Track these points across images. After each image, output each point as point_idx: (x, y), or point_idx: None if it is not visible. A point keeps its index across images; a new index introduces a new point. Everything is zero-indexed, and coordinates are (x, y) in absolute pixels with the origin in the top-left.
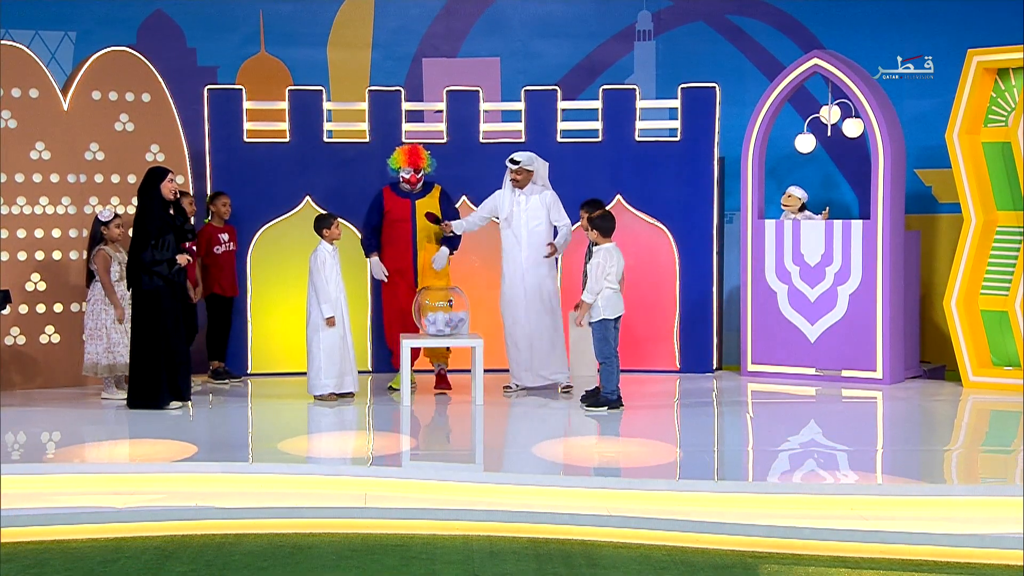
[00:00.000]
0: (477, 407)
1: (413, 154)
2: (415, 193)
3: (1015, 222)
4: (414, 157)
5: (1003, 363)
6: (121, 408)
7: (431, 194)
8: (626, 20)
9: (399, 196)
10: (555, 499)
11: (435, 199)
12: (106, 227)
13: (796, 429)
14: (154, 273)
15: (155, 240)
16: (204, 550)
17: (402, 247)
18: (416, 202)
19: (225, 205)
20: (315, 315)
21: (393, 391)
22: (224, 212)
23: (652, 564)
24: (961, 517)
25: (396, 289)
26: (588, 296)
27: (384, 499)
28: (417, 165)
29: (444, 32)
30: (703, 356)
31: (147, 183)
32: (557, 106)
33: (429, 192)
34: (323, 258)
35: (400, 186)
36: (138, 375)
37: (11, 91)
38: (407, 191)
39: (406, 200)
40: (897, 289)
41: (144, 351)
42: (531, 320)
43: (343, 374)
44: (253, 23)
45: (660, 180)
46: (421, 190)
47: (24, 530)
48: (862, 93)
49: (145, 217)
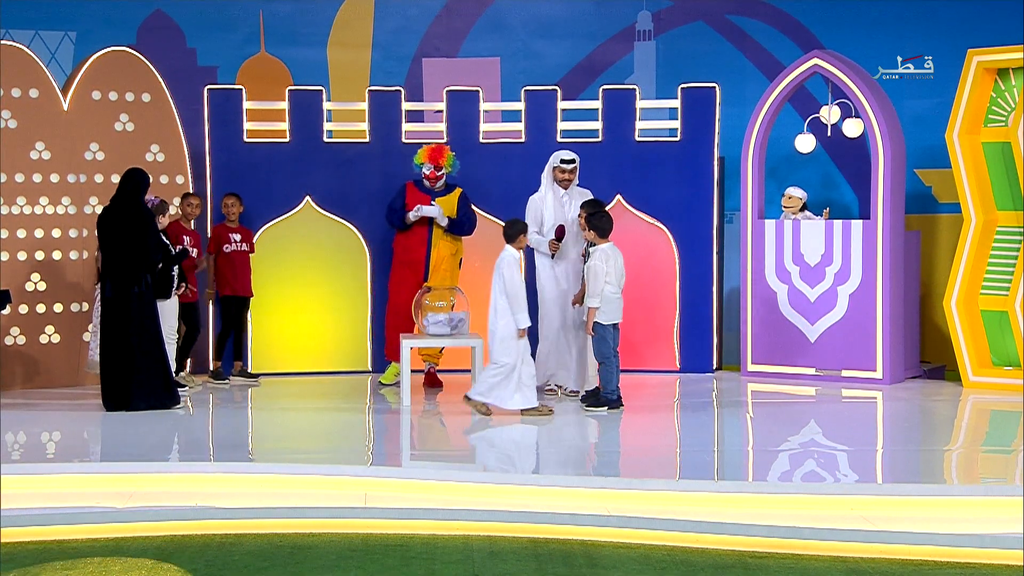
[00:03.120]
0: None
1: (435, 151)
2: (436, 191)
3: (1015, 222)
4: (435, 154)
5: (1003, 363)
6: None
7: (452, 194)
8: (626, 20)
9: (421, 192)
10: (555, 499)
11: (454, 199)
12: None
13: (796, 429)
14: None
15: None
16: (204, 550)
17: (417, 241)
18: (436, 199)
19: (234, 205)
20: (506, 325)
21: (384, 386)
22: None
23: (652, 564)
24: (961, 517)
25: (405, 281)
26: (593, 301)
27: (384, 499)
28: (437, 162)
29: (444, 32)
30: (703, 356)
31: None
32: (557, 106)
33: (450, 192)
34: (512, 264)
35: (422, 182)
36: (107, 378)
37: (11, 91)
38: (428, 188)
39: (426, 196)
40: (897, 289)
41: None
42: (567, 323)
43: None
44: (253, 23)
45: (660, 180)
46: (443, 189)
47: (24, 530)
48: (862, 93)
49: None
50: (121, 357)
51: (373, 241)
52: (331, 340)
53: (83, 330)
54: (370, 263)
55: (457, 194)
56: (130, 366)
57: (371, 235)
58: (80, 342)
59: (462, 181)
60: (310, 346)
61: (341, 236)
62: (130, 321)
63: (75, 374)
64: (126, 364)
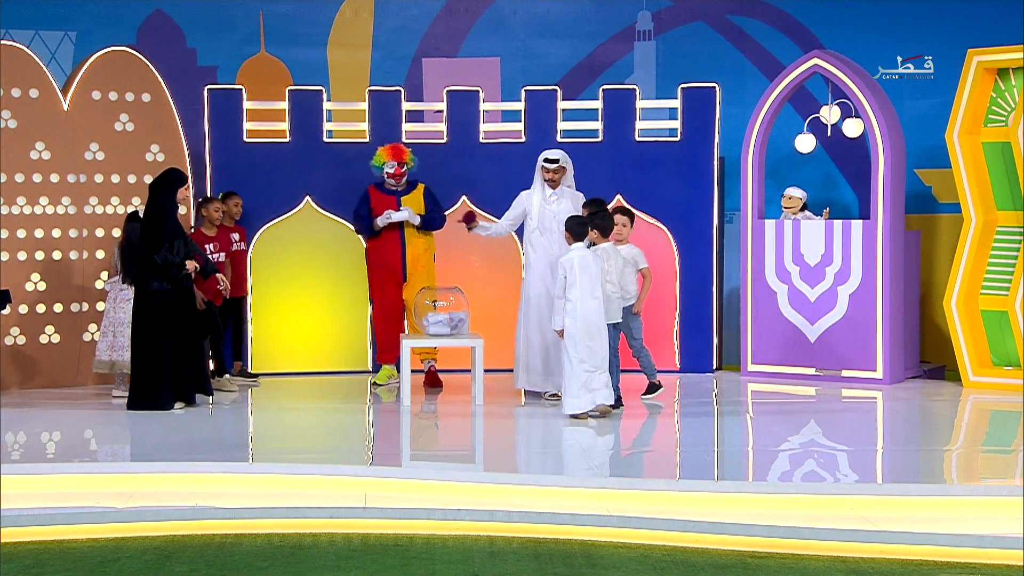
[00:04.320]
0: (477, 407)
1: (396, 149)
2: (400, 190)
3: (1015, 222)
4: (396, 152)
5: (1003, 363)
6: (121, 408)
7: (415, 191)
8: (626, 20)
9: (384, 194)
10: (555, 499)
11: (419, 195)
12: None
13: (796, 429)
14: (164, 276)
15: (168, 242)
16: (204, 550)
17: (390, 244)
18: (401, 199)
19: (236, 205)
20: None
21: (377, 387)
22: (236, 212)
23: (652, 564)
24: (961, 517)
25: (384, 285)
26: None
27: (384, 499)
28: (400, 158)
29: (444, 32)
30: (703, 356)
31: (167, 185)
32: (557, 106)
33: (414, 189)
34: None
35: (385, 184)
36: (141, 376)
37: (11, 91)
38: (392, 188)
39: (391, 197)
40: (897, 289)
41: (149, 352)
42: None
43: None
44: (253, 23)
45: (660, 180)
46: (405, 187)
47: (24, 530)
48: (862, 93)
49: (162, 218)
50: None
51: None
52: (331, 340)
53: (83, 330)
54: None
55: (421, 190)
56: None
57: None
58: (80, 342)
59: (462, 182)
60: (310, 346)
61: (341, 236)
62: (172, 316)
63: (75, 374)
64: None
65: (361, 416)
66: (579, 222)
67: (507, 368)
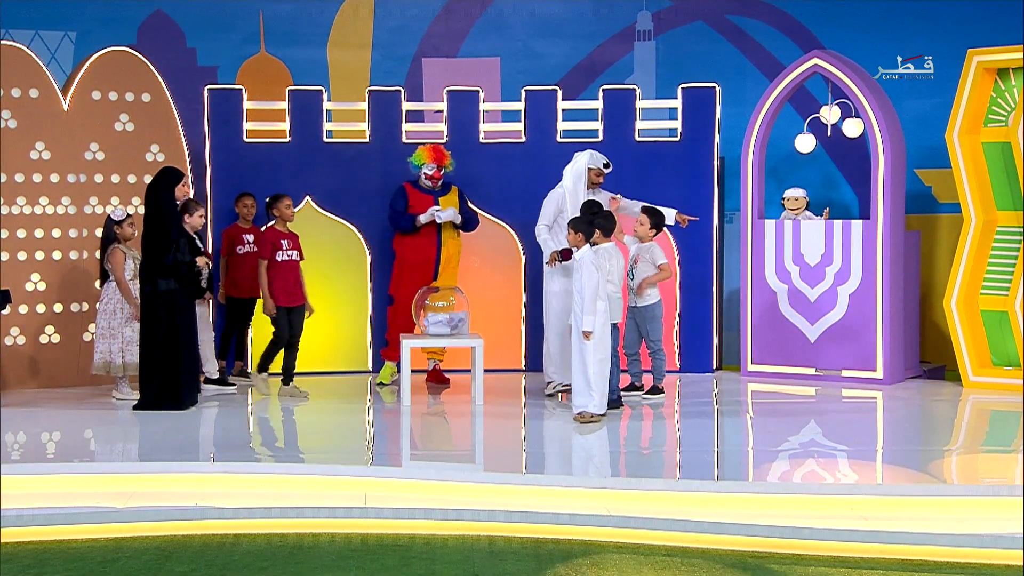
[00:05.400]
0: (477, 407)
1: (438, 151)
2: (436, 191)
3: (1015, 222)
4: (438, 154)
5: (1003, 363)
6: (121, 409)
7: (451, 193)
8: (626, 20)
9: (421, 192)
10: (555, 499)
11: (455, 197)
12: (119, 226)
13: (796, 429)
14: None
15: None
16: (204, 550)
17: (426, 242)
18: (439, 199)
19: (247, 207)
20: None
21: (382, 386)
22: (248, 213)
23: (652, 564)
24: (961, 517)
25: (414, 282)
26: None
27: (384, 499)
28: (441, 161)
29: (444, 32)
30: (703, 356)
31: (164, 184)
32: (557, 106)
33: (449, 191)
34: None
35: (421, 182)
36: (155, 378)
37: (11, 91)
38: (428, 188)
39: (429, 196)
40: (897, 289)
41: (164, 353)
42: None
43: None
44: (253, 23)
45: (660, 180)
46: (441, 188)
47: (24, 530)
48: (862, 93)
49: (165, 218)
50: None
51: (373, 241)
52: (331, 340)
53: (83, 330)
54: (370, 263)
55: (456, 192)
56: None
57: (371, 235)
58: (80, 342)
59: (461, 180)
60: (310, 346)
61: (341, 236)
62: (180, 315)
63: (75, 374)
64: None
65: (361, 416)
66: (587, 222)
67: (507, 368)
